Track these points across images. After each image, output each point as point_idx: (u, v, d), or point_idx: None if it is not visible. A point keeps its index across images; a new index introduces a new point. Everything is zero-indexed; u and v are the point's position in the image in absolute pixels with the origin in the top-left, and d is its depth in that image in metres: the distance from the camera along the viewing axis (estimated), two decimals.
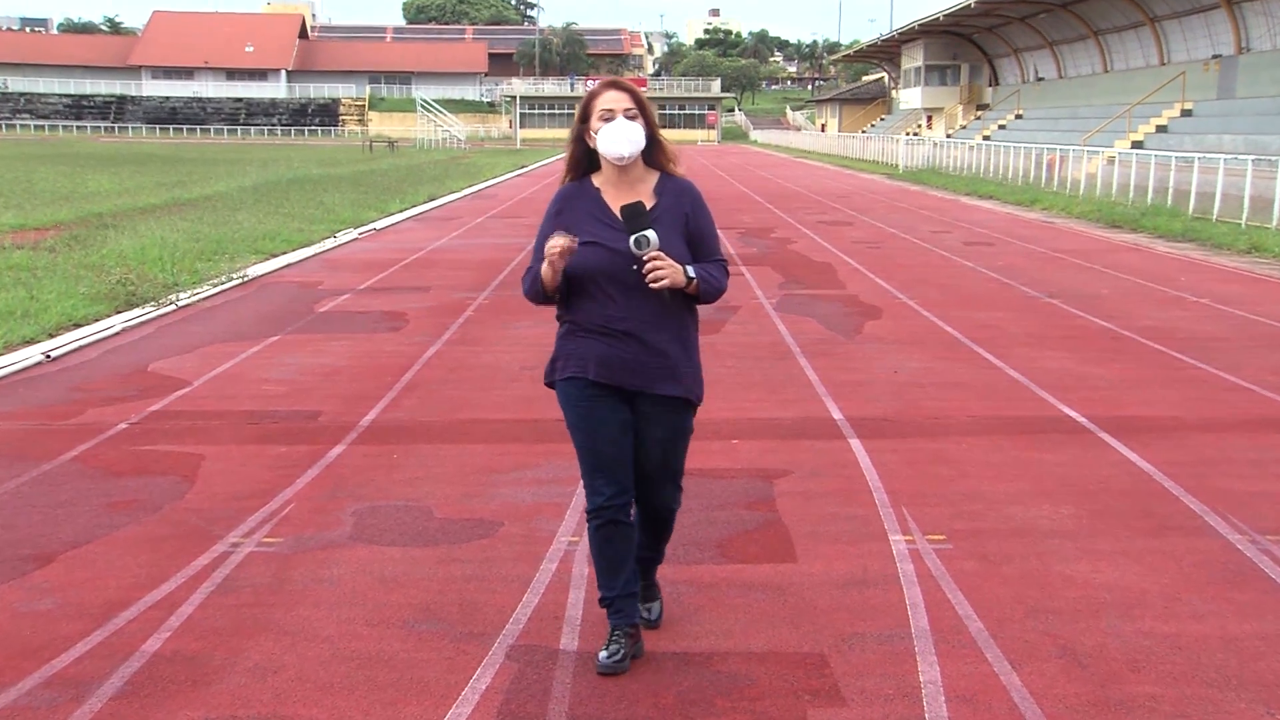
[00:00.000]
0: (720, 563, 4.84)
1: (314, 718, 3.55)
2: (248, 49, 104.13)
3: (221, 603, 4.42)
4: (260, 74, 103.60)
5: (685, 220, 3.80)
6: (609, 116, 3.70)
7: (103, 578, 4.65)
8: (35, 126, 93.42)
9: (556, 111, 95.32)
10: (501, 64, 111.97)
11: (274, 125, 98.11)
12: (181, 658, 3.95)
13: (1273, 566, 4.80)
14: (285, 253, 16.21)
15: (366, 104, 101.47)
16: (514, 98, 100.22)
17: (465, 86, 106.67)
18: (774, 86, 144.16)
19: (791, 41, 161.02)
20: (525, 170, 45.08)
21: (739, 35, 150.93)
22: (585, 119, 3.77)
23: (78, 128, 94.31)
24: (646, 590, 4.17)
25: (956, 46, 60.63)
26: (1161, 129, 34.98)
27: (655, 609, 4.19)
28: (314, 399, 7.74)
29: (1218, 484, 5.90)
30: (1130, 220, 21.37)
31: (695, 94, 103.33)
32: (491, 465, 6.26)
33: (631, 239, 3.64)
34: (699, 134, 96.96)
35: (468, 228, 20.93)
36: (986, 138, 46.67)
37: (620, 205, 3.70)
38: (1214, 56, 36.27)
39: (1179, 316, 11.29)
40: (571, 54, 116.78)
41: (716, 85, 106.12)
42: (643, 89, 4.31)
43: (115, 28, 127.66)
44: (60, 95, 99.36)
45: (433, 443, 6.70)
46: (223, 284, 13.02)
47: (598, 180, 3.84)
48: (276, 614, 4.31)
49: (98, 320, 10.48)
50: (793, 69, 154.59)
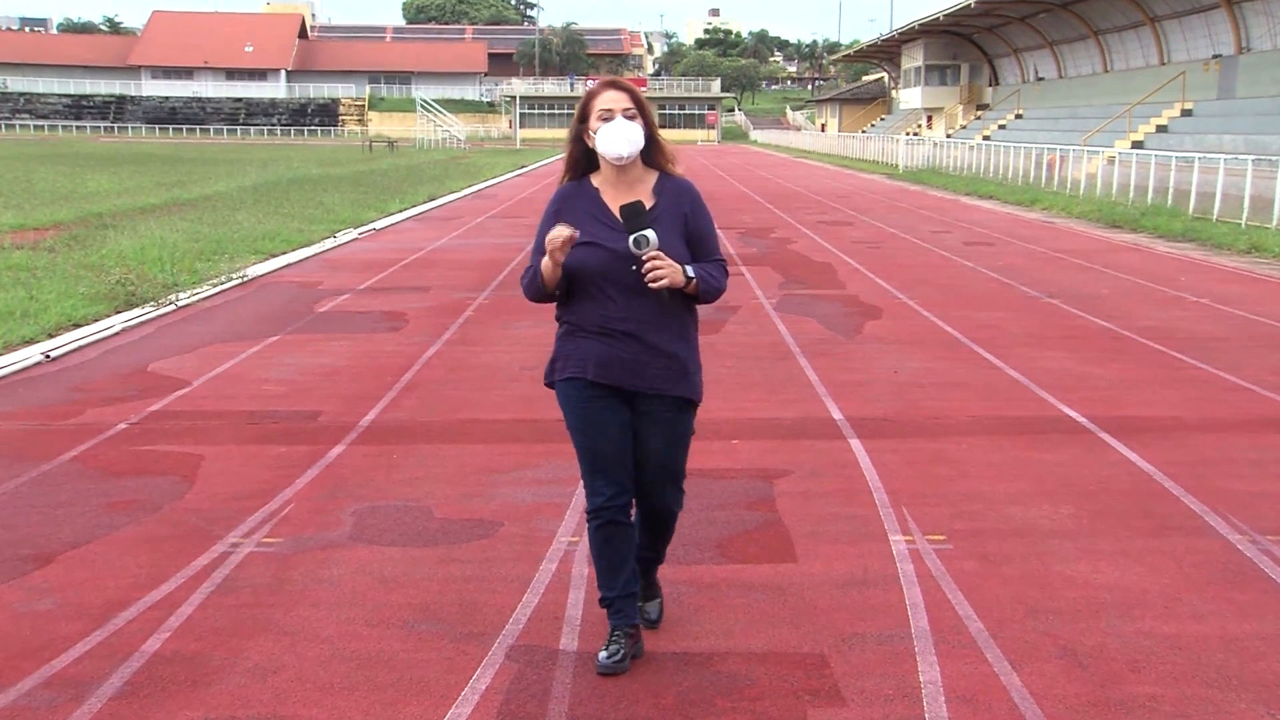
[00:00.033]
0: (720, 563, 4.84)
1: (314, 718, 3.55)
2: (247, 49, 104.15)
3: (221, 603, 4.42)
4: (260, 74, 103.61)
5: (684, 220, 3.80)
6: (608, 116, 3.70)
7: (102, 578, 4.65)
8: (35, 126, 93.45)
9: (556, 111, 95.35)
10: (501, 64, 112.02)
11: (273, 125, 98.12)
12: (181, 658, 3.95)
13: (1273, 567, 4.79)
14: (285, 253, 16.21)
15: (366, 104, 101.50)
16: (514, 98, 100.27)
17: (465, 86, 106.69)
18: (774, 86, 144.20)
19: (791, 41, 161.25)
20: (525, 170, 45.08)
21: (739, 35, 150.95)
22: (584, 119, 3.77)
23: (77, 128, 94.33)
24: (647, 589, 4.17)
25: (956, 46, 60.64)
26: (1162, 129, 34.99)
27: (655, 608, 4.19)
28: (314, 399, 7.74)
29: (1218, 484, 5.90)
30: (1130, 220, 21.37)
31: (695, 94, 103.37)
32: (491, 465, 6.26)
33: (631, 239, 3.64)
34: (699, 134, 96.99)
35: (467, 228, 20.93)
36: (986, 138, 46.68)
37: (619, 205, 3.70)
38: (1214, 56, 36.27)
39: (1179, 316, 11.29)
40: (571, 54, 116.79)
41: (716, 85, 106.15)
42: (642, 89, 4.30)
43: (115, 27, 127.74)
44: (60, 95, 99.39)
45: (433, 443, 6.69)
46: (222, 284, 13.02)
47: (596, 180, 3.83)
48: (276, 614, 4.31)
49: (97, 320, 10.48)
50: (793, 69, 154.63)
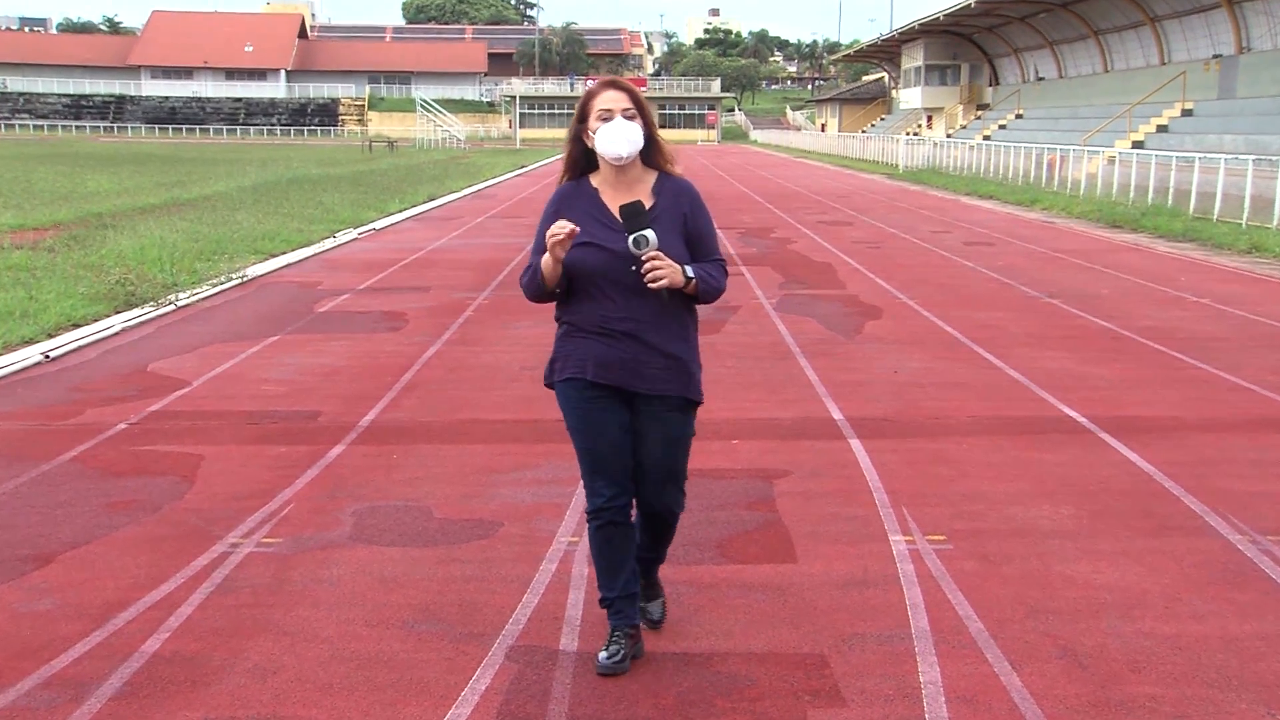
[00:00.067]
0: (720, 563, 4.84)
1: (313, 718, 3.55)
2: (247, 49, 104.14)
3: (221, 603, 4.42)
4: (259, 74, 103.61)
5: (684, 220, 3.79)
6: (607, 116, 3.69)
7: (102, 578, 4.65)
8: (34, 126, 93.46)
9: (556, 111, 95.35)
10: (501, 64, 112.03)
11: (273, 125, 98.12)
12: (181, 658, 3.95)
13: (1273, 567, 4.79)
14: (284, 253, 16.21)
15: (366, 104, 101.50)
16: (514, 97, 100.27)
17: (465, 86, 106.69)
18: (774, 86, 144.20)
19: (791, 41, 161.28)
20: (525, 170, 45.08)
21: (739, 35, 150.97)
22: (583, 119, 3.75)
23: (77, 127, 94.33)
24: (649, 589, 4.15)
25: (957, 46, 60.64)
26: (1162, 129, 34.98)
27: (658, 608, 4.17)
28: (313, 399, 7.73)
29: (1218, 484, 5.89)
30: (1131, 220, 21.36)
31: (695, 94, 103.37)
32: (491, 465, 6.25)
33: (630, 239, 3.63)
34: (699, 134, 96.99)
35: (467, 227, 20.92)
36: (987, 138, 46.68)
37: (619, 205, 3.69)
38: (1215, 56, 36.27)
39: (1179, 316, 11.28)
40: (571, 54, 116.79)
41: (716, 85, 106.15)
42: (642, 89, 4.30)
43: (114, 27, 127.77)
44: (59, 95, 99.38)
45: (432, 443, 6.69)
46: (222, 284, 13.02)
47: (596, 180, 3.83)
48: (276, 614, 4.31)
49: (97, 320, 10.47)
50: (793, 69, 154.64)
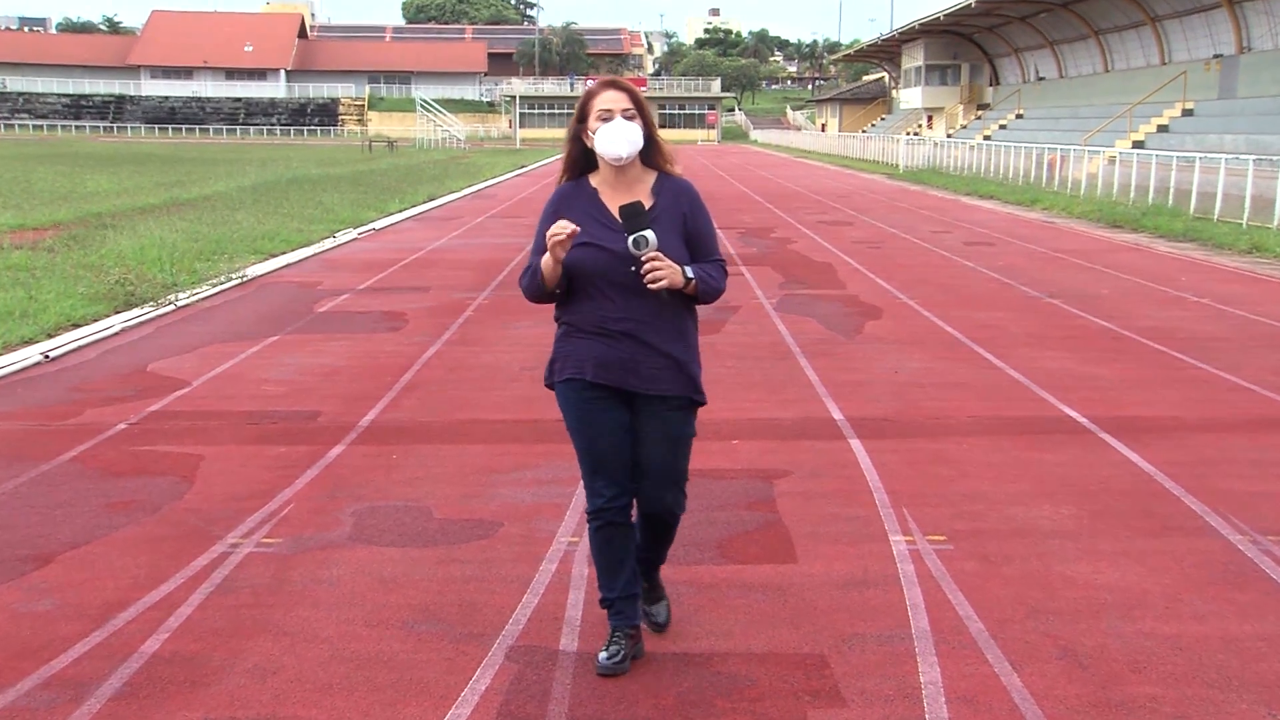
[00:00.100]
0: (720, 563, 4.83)
1: (313, 718, 3.54)
2: (247, 49, 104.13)
3: (220, 603, 4.41)
4: (259, 74, 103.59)
5: (683, 220, 3.78)
6: (607, 117, 3.67)
7: (101, 578, 4.64)
8: (34, 126, 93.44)
9: (556, 111, 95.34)
10: (501, 64, 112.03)
11: (273, 125, 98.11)
12: (180, 658, 3.94)
13: (1274, 567, 4.79)
14: (284, 253, 16.20)
15: (366, 104, 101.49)
16: (514, 97, 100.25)
17: (465, 86, 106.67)
18: (774, 86, 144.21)
19: (792, 41, 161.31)
20: (525, 170, 45.07)
21: (739, 35, 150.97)
22: (583, 118, 3.74)
23: (76, 127, 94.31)
24: (651, 592, 4.13)
25: (957, 46, 60.64)
26: (1163, 129, 34.98)
27: (663, 611, 4.14)
28: (313, 399, 7.73)
29: (1219, 484, 5.89)
30: (1131, 220, 21.35)
31: (695, 94, 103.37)
32: (491, 466, 6.25)
33: (630, 239, 3.62)
34: (699, 134, 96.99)
35: (467, 227, 20.92)
36: (987, 137, 46.68)
37: (619, 206, 3.68)
38: (1215, 56, 36.27)
39: (1180, 316, 11.28)
40: (571, 54, 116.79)
41: (716, 85, 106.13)
42: (642, 89, 4.30)
43: (114, 27, 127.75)
44: (59, 95, 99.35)
45: (432, 443, 6.69)
46: (222, 284, 13.01)
47: (595, 180, 3.82)
48: (275, 615, 4.30)
49: (96, 320, 10.47)
50: (793, 69, 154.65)
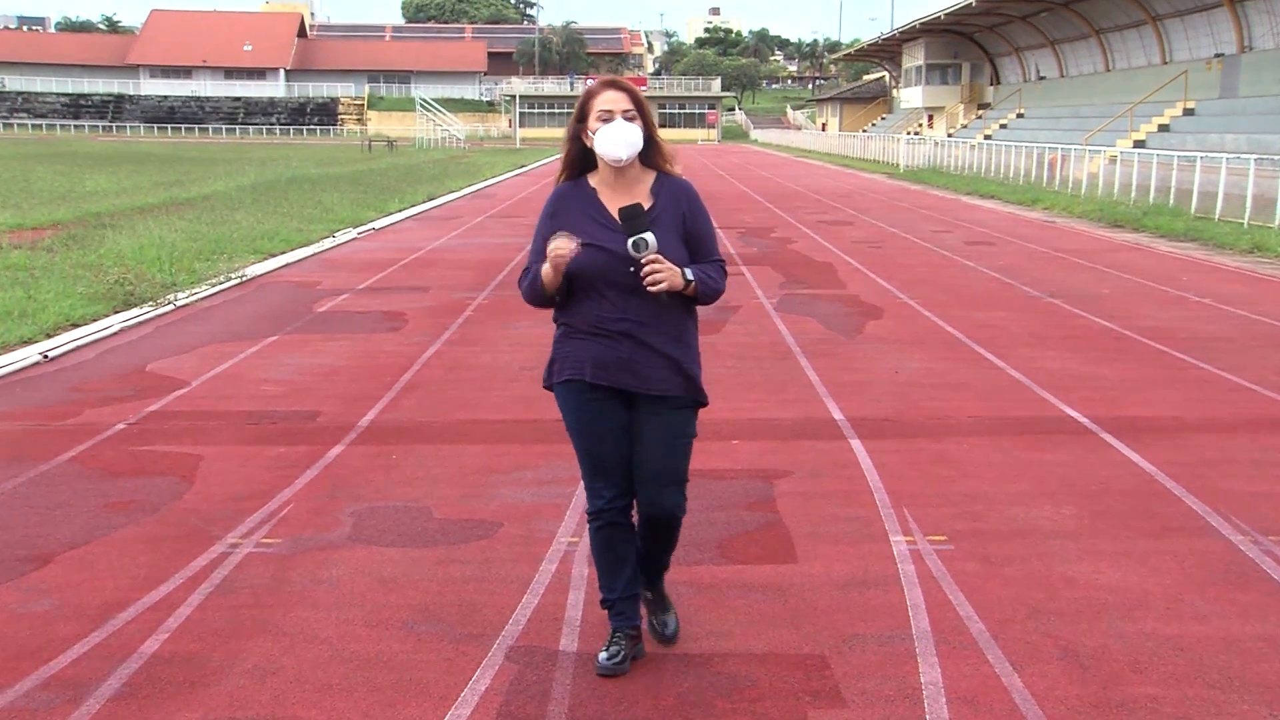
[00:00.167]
0: (720, 563, 4.83)
1: (312, 719, 3.54)
2: (246, 48, 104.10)
3: (220, 604, 4.41)
4: (259, 73, 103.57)
5: (683, 220, 3.76)
6: (607, 117, 3.65)
7: (101, 579, 4.64)
8: (33, 125, 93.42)
9: (556, 111, 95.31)
10: (501, 63, 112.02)
11: (272, 124, 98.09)
12: (180, 659, 3.94)
13: (1275, 567, 4.78)
14: (284, 252, 16.19)
15: (365, 103, 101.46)
16: (513, 97, 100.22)
17: (464, 85, 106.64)
18: (774, 85, 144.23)
19: (792, 40, 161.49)
20: (524, 170, 45.06)
21: (739, 34, 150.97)
22: (583, 118, 3.72)
23: (75, 127, 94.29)
24: (659, 603, 4.08)
25: (958, 45, 60.63)
26: (1164, 128, 34.96)
27: (671, 622, 4.07)
28: (313, 399, 7.72)
29: (1220, 485, 5.88)
30: (1132, 220, 21.35)
31: (695, 93, 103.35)
32: (491, 466, 6.24)
33: (630, 242, 3.60)
34: (699, 133, 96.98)
35: (467, 227, 20.91)
36: (988, 137, 46.67)
37: (618, 207, 3.66)
38: (1216, 55, 36.25)
39: (1181, 316, 11.27)
40: (571, 53, 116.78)
41: (717, 84, 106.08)
42: (642, 88, 4.28)
43: (113, 26, 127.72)
44: (58, 94, 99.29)
45: (432, 443, 6.68)
46: (221, 284, 13.00)
47: (594, 180, 3.80)
48: (275, 615, 4.30)
49: (95, 320, 10.46)
50: (793, 68, 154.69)
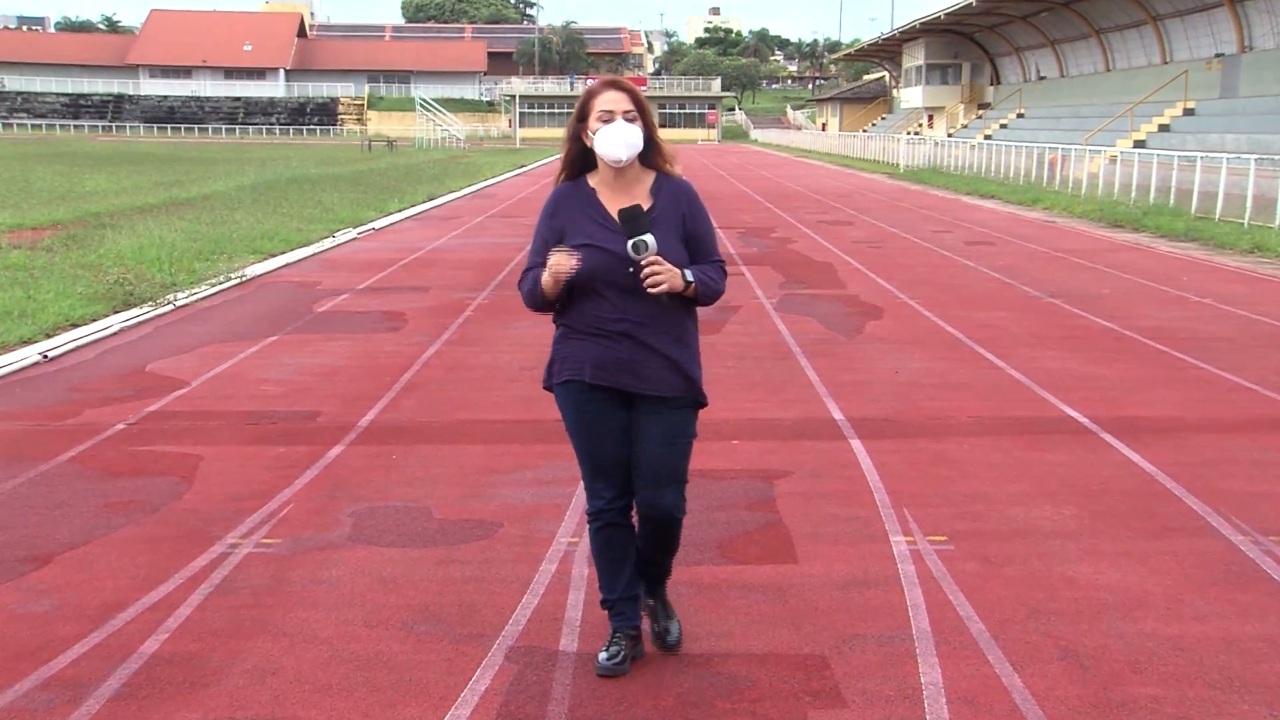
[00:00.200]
0: (720, 564, 4.82)
1: (312, 719, 3.54)
2: (246, 48, 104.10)
3: (220, 604, 4.40)
4: (258, 73, 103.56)
5: (683, 221, 3.75)
6: (608, 118, 3.65)
7: (100, 579, 4.63)
8: (32, 125, 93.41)
9: (556, 111, 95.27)
10: (501, 63, 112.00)
11: (272, 124, 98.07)
12: (179, 659, 3.93)
13: (1275, 568, 4.78)
14: (283, 252, 16.19)
15: (365, 103, 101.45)
16: (513, 97, 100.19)
17: (464, 85, 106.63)
18: (774, 85, 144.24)
19: (792, 40, 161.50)
20: (524, 170, 45.05)
21: (739, 34, 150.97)
22: (583, 118, 3.71)
23: (75, 127, 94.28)
24: (662, 610, 4.03)
25: (958, 45, 60.63)
26: (1164, 128, 34.96)
27: (674, 630, 4.02)
28: (313, 399, 7.72)
29: (1220, 485, 5.88)
30: (1132, 220, 21.34)
31: (695, 93, 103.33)
32: (491, 466, 6.24)
33: (629, 244, 3.59)
34: (699, 133, 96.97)
35: (467, 227, 20.91)
36: (988, 137, 46.66)
37: (617, 208, 3.65)
38: (1217, 55, 36.24)
39: (1181, 316, 11.27)
40: (571, 53, 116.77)
41: (717, 84, 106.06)
42: (642, 88, 4.27)
43: (113, 26, 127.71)
44: (58, 94, 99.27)
45: (432, 443, 6.68)
46: (221, 284, 13.00)
47: (593, 180, 3.79)
48: (275, 615, 4.29)
49: (95, 320, 10.46)
50: (793, 68, 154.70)
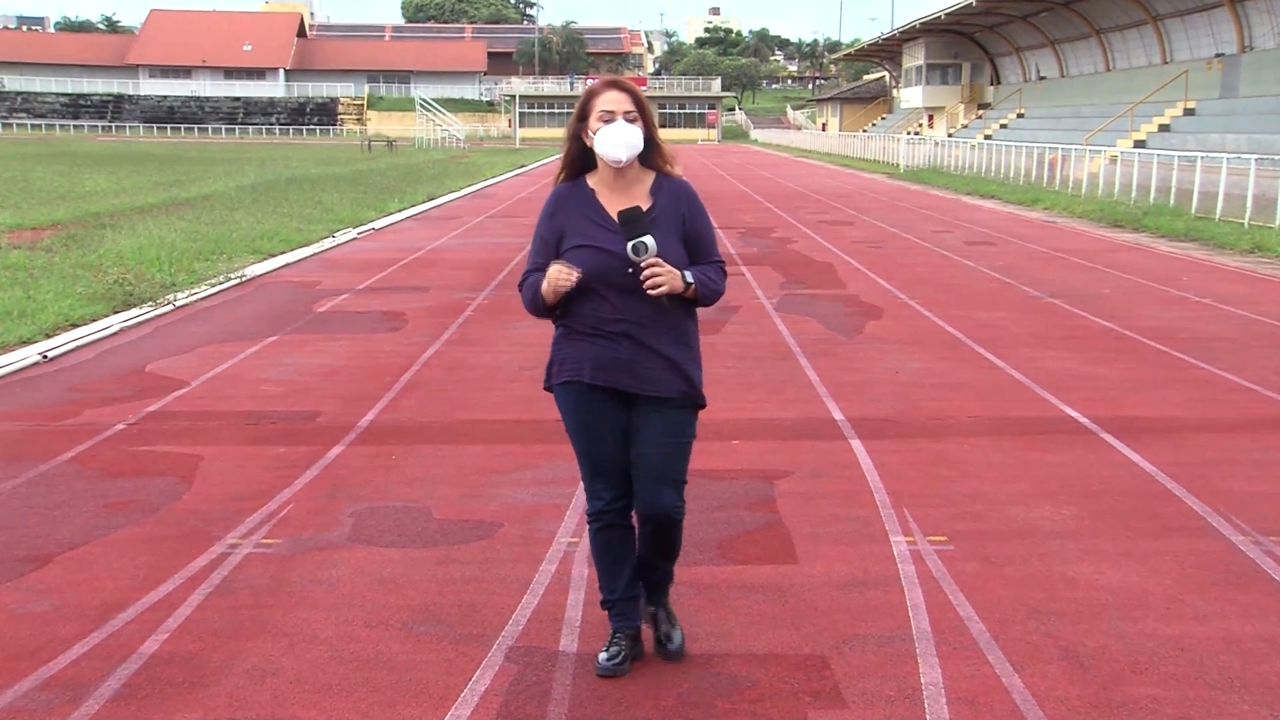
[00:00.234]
0: (721, 564, 4.82)
1: (312, 719, 3.54)
2: (246, 48, 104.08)
3: (219, 604, 4.40)
4: (258, 73, 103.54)
5: (682, 222, 3.75)
6: (609, 118, 3.64)
7: (100, 579, 4.63)
8: (32, 125, 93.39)
9: (556, 110, 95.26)
10: (501, 63, 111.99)
11: (272, 124, 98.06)
12: (179, 660, 3.93)
13: (1275, 568, 4.78)
14: (283, 252, 16.19)
15: (365, 103, 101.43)
16: (513, 97, 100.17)
17: (464, 85, 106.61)
18: (774, 85, 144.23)
19: (792, 40, 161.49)
20: (524, 170, 45.05)
21: (739, 34, 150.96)
22: (584, 117, 3.70)
23: (75, 127, 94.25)
24: (666, 619, 3.98)
25: (958, 45, 60.62)
26: (1164, 128, 34.95)
27: (676, 637, 3.97)
28: (312, 399, 7.72)
29: (1220, 485, 5.88)
30: (1132, 220, 21.34)
31: (695, 93, 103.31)
32: (490, 466, 6.24)
33: (629, 245, 3.59)
34: (699, 133, 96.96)
35: (467, 227, 20.91)
36: (988, 137, 46.65)
37: (617, 209, 3.65)
38: (1217, 55, 36.23)
39: (1181, 316, 11.26)
40: (571, 53, 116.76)
41: (717, 84, 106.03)
42: (642, 88, 4.26)
43: (112, 26, 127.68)
44: (57, 94, 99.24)
45: (432, 443, 6.68)
46: (220, 284, 13.00)
47: (592, 181, 3.78)
48: (275, 616, 4.29)
49: (95, 320, 10.45)
50: (793, 68, 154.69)
